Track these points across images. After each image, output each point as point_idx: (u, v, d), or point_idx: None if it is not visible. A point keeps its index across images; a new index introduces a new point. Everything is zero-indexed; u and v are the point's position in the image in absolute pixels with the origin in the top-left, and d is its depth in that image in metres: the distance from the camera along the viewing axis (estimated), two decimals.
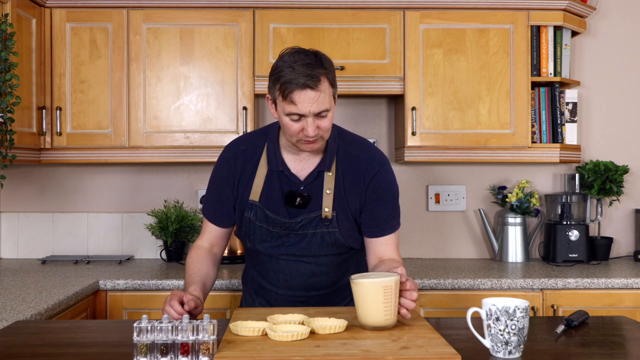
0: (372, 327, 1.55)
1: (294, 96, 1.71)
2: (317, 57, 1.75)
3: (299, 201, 1.86)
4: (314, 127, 1.75)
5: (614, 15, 3.31)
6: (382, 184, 1.91)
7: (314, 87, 1.71)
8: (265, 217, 1.89)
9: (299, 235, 1.89)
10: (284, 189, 1.89)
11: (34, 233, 3.23)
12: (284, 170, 1.89)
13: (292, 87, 1.70)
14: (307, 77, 1.70)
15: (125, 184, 3.24)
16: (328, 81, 1.75)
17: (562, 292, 2.63)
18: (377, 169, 1.91)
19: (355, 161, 1.91)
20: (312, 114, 1.73)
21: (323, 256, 1.93)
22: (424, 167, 3.27)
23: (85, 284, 2.47)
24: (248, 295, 2.11)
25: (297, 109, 1.72)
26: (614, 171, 3.10)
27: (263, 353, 1.35)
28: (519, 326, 1.38)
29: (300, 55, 1.74)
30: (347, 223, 1.90)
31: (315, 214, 1.88)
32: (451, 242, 3.28)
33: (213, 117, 2.90)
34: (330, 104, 1.76)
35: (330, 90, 1.76)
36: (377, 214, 1.91)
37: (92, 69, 2.88)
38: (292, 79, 1.70)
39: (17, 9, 2.60)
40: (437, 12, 2.92)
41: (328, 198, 1.88)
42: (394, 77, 2.92)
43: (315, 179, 1.89)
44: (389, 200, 1.93)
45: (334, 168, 1.89)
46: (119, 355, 1.43)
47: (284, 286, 1.98)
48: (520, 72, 2.93)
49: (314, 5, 2.89)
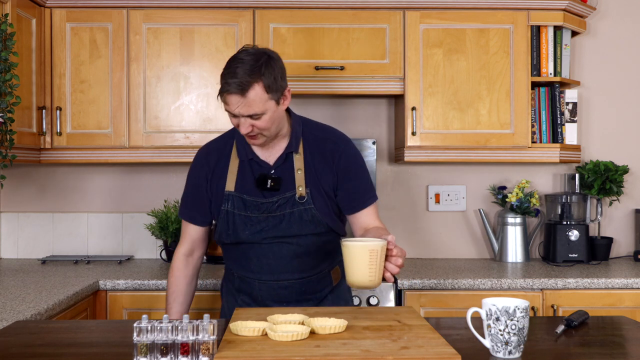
0: (357, 286, 1.65)
1: (225, 98, 1.88)
2: (259, 63, 1.86)
3: (270, 183, 1.97)
4: (247, 126, 1.89)
5: (614, 15, 3.31)
6: (350, 160, 2.03)
7: (241, 94, 1.85)
8: (243, 204, 1.98)
9: (278, 217, 1.97)
10: (256, 175, 2.00)
11: (34, 233, 3.23)
12: (254, 158, 2.00)
13: (223, 89, 1.87)
14: (237, 84, 1.84)
15: (125, 183, 3.24)
16: (263, 88, 1.85)
17: (562, 292, 2.63)
18: (342, 146, 2.03)
19: (321, 141, 2.03)
20: (242, 115, 1.88)
21: (303, 236, 1.99)
22: (424, 167, 3.27)
23: (85, 284, 2.47)
24: (230, 296, 2.13)
25: (230, 108, 1.89)
26: (614, 171, 3.10)
27: (263, 353, 1.35)
28: (519, 326, 1.38)
29: (247, 58, 1.86)
30: (321, 200, 1.99)
31: (290, 193, 1.98)
32: (451, 242, 3.28)
33: (213, 117, 2.90)
34: (263, 109, 1.87)
35: (264, 96, 1.86)
36: (354, 189, 2.02)
37: (92, 69, 2.88)
38: (226, 82, 1.86)
39: (17, 9, 2.60)
40: (437, 12, 2.92)
41: (300, 177, 1.99)
42: (394, 77, 2.92)
43: (284, 161, 2.00)
44: (360, 173, 2.04)
45: (301, 149, 2.01)
46: (119, 355, 1.43)
47: (268, 271, 2.01)
48: (520, 72, 2.93)
49: (314, 5, 2.89)
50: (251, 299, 2.06)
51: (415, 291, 2.62)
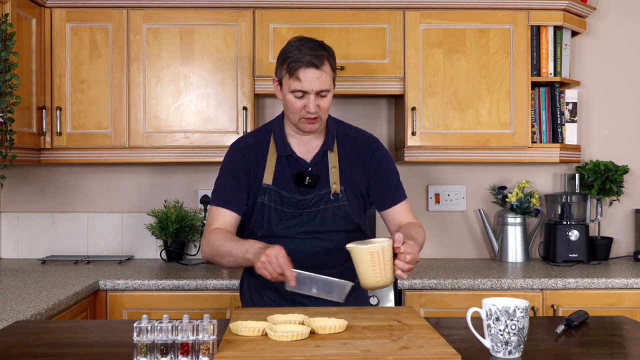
0: (367, 288, 1.70)
1: (300, 73, 1.91)
2: (321, 44, 1.96)
3: (308, 180, 2.00)
4: (315, 105, 1.93)
5: (614, 15, 3.31)
6: (381, 158, 2.09)
7: (318, 65, 1.91)
8: (279, 198, 2.01)
9: (312, 212, 2.01)
10: (293, 171, 2.03)
11: (34, 233, 3.23)
12: (292, 154, 2.04)
13: (298, 65, 1.90)
14: (312, 56, 1.90)
15: (126, 184, 3.24)
16: (330, 65, 1.95)
17: (562, 292, 2.63)
18: (374, 145, 2.10)
19: (354, 140, 2.10)
20: (314, 91, 1.92)
21: (335, 232, 2.02)
22: (424, 167, 3.27)
23: (85, 284, 2.47)
24: (255, 292, 2.10)
25: (302, 85, 1.91)
26: (614, 171, 3.10)
27: (263, 353, 1.35)
28: (519, 326, 1.39)
29: (306, 41, 1.95)
30: (354, 197, 2.04)
31: (325, 190, 2.01)
32: (451, 242, 3.28)
33: (213, 117, 2.90)
34: (330, 86, 1.96)
35: (331, 73, 1.96)
36: (385, 186, 2.07)
37: (92, 69, 2.88)
38: (299, 57, 1.90)
39: (17, 9, 2.60)
40: (437, 12, 2.92)
41: (334, 174, 2.03)
42: (394, 77, 2.92)
43: (321, 159, 2.04)
44: (391, 171, 2.10)
45: (335, 147, 2.06)
46: (119, 355, 1.43)
47: (297, 266, 1.98)
48: (520, 72, 2.93)
49: (314, 5, 2.89)
50: (279, 295, 2.04)
51: (415, 291, 2.62)
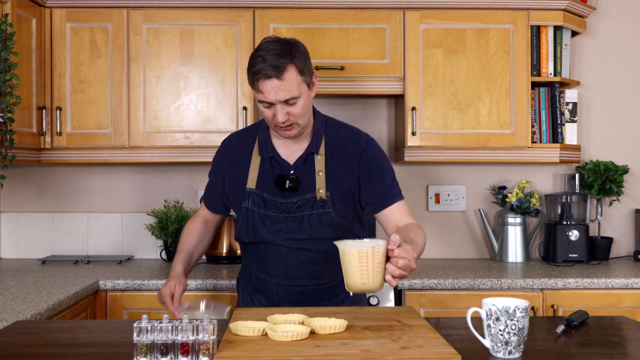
0: (352, 290, 1.55)
1: (260, 85, 1.83)
2: (288, 46, 1.85)
3: (288, 184, 1.95)
4: (284, 114, 1.85)
5: (614, 15, 3.31)
6: (371, 159, 1.99)
7: (277, 77, 1.81)
8: (263, 202, 1.97)
9: (297, 218, 1.95)
10: (276, 174, 1.98)
11: (34, 233, 3.23)
12: (274, 156, 1.99)
13: (258, 77, 1.83)
14: (271, 67, 1.80)
15: (125, 184, 3.24)
16: (296, 70, 1.84)
17: (562, 292, 2.63)
18: (364, 146, 2.00)
19: (343, 143, 2.00)
20: (278, 101, 1.84)
21: (321, 240, 1.95)
22: (424, 167, 3.27)
23: (85, 284, 2.47)
24: (246, 294, 2.11)
25: (265, 97, 1.84)
26: (614, 171, 3.10)
27: (263, 353, 1.35)
28: (519, 326, 1.38)
29: (273, 45, 1.84)
30: (341, 203, 1.97)
31: (310, 194, 1.95)
32: (451, 242, 3.28)
33: (213, 117, 2.90)
34: (299, 92, 1.85)
35: (298, 78, 1.85)
36: (376, 187, 1.97)
37: (92, 69, 2.88)
38: (259, 69, 1.82)
39: (17, 9, 2.60)
40: (437, 12, 2.92)
41: (320, 179, 1.96)
42: (394, 77, 2.92)
43: (304, 162, 1.98)
44: (382, 171, 1.99)
45: (322, 150, 1.98)
46: (119, 355, 1.43)
47: (285, 276, 1.99)
48: (520, 72, 2.93)
49: (314, 5, 2.89)
50: (268, 300, 2.05)
51: (415, 291, 2.62)
